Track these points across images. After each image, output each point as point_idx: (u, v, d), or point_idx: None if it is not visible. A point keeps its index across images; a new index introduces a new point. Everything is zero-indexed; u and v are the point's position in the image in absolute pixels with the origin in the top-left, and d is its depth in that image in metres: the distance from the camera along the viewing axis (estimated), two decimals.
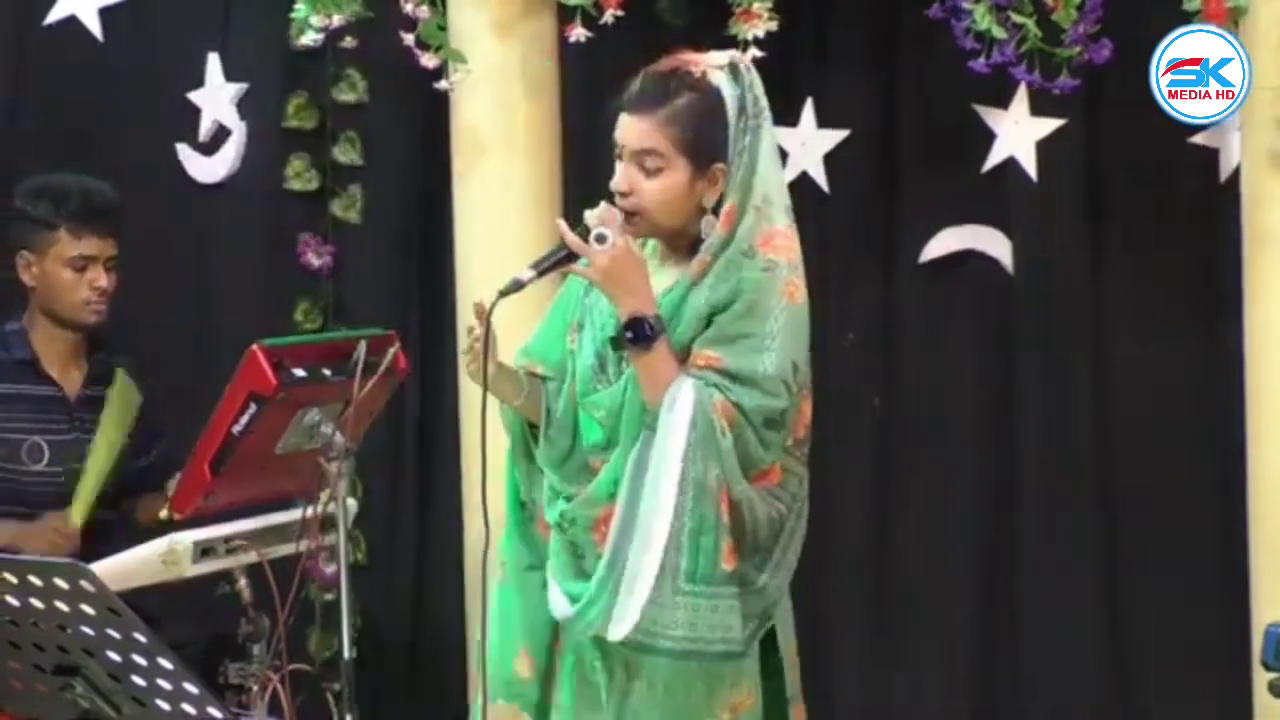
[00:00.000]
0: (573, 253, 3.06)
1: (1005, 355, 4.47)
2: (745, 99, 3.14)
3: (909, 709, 4.53)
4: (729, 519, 3.03)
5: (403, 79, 4.56)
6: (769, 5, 4.04)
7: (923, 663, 4.52)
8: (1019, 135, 4.37)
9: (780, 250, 3.11)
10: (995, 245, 4.47)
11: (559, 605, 3.20)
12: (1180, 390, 4.37)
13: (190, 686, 2.78)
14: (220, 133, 4.88)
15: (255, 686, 3.44)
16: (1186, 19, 3.86)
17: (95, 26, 4.94)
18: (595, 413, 3.15)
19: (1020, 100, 4.35)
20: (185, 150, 4.89)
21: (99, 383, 4.20)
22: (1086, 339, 4.41)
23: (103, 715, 2.86)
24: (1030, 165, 4.37)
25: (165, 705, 2.82)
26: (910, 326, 4.55)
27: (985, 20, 3.94)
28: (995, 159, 4.40)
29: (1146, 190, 4.38)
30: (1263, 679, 3.20)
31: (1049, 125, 4.35)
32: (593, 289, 3.19)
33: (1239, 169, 4.09)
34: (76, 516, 4.07)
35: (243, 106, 4.86)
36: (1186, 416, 4.37)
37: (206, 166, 4.90)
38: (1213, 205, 4.27)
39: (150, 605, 3.11)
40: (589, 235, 3.05)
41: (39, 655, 2.87)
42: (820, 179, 4.52)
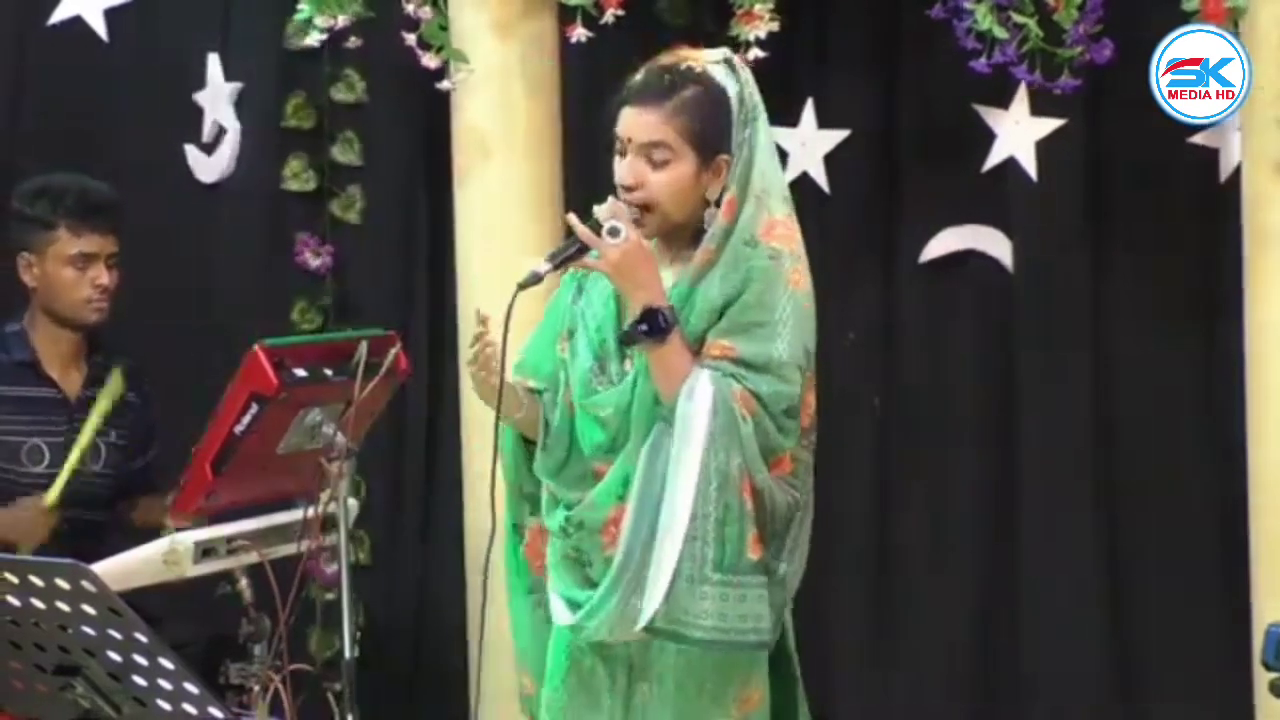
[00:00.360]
0: (585, 246, 3.06)
1: (1005, 355, 4.47)
2: (744, 92, 3.16)
3: (909, 709, 4.53)
4: (753, 507, 3.03)
5: (402, 79, 4.57)
6: (770, 6, 4.04)
7: (923, 663, 4.52)
8: (1019, 135, 4.37)
9: (782, 239, 3.13)
10: (995, 245, 4.47)
11: (560, 613, 3.19)
12: (1180, 390, 4.38)
13: (191, 686, 2.78)
14: (221, 133, 4.89)
15: (256, 687, 3.44)
16: (1187, 19, 3.87)
17: (100, 27, 4.95)
18: (600, 413, 3.14)
19: (1020, 100, 4.35)
20: (192, 151, 4.89)
21: (99, 384, 4.19)
22: (1086, 339, 4.41)
23: (103, 715, 2.86)
24: (1030, 165, 4.37)
25: (166, 705, 2.82)
26: (910, 326, 4.55)
27: (986, 20, 3.94)
28: (995, 159, 4.41)
29: (1147, 190, 4.38)
30: (1263, 679, 3.21)
31: (1049, 125, 4.35)
32: (582, 295, 3.21)
33: (1239, 169, 4.09)
34: (52, 494, 4.02)
35: (240, 107, 4.86)
36: (1186, 416, 4.38)
37: (207, 166, 4.90)
38: (1213, 205, 4.27)
39: (151, 605, 3.11)
40: (600, 229, 3.05)
41: (40, 655, 2.87)
42: (821, 179, 4.52)
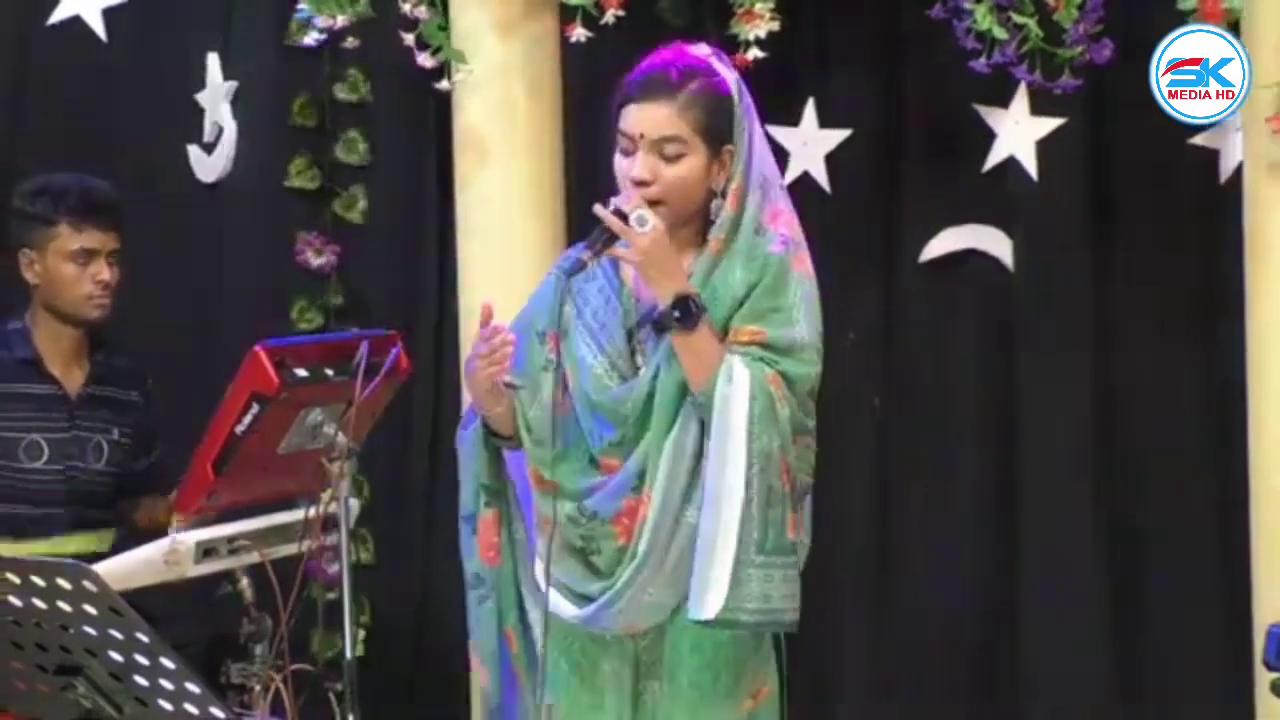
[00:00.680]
0: (614, 235, 3.09)
1: (1005, 355, 4.47)
2: (739, 83, 3.21)
3: (909, 709, 4.53)
4: (789, 488, 3.09)
5: (406, 79, 4.56)
6: (771, 6, 4.04)
7: (922, 663, 4.52)
8: (1019, 135, 4.38)
9: (786, 225, 3.19)
10: (996, 245, 4.47)
11: (564, 607, 3.20)
12: (1180, 390, 4.38)
13: (192, 686, 2.79)
14: (220, 133, 4.89)
15: (257, 686, 3.45)
16: (1185, 19, 3.87)
17: (99, 27, 4.95)
18: (619, 409, 3.15)
19: (1020, 100, 4.35)
20: (195, 151, 4.90)
21: (100, 382, 4.19)
22: (1087, 338, 4.41)
23: (105, 715, 2.86)
24: (1031, 165, 4.37)
25: (167, 705, 2.82)
26: (911, 326, 4.55)
27: (986, 20, 3.94)
28: (996, 159, 4.41)
29: (1147, 190, 4.38)
30: (1264, 679, 3.21)
31: (1049, 125, 4.35)
32: (571, 295, 3.22)
33: (1239, 169, 4.09)
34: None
35: (241, 106, 4.86)
36: (1186, 416, 4.38)
37: (208, 166, 4.90)
38: (1213, 206, 4.27)
39: (153, 605, 3.11)
40: (626, 220, 3.08)
41: (41, 655, 2.87)
42: (821, 179, 4.52)
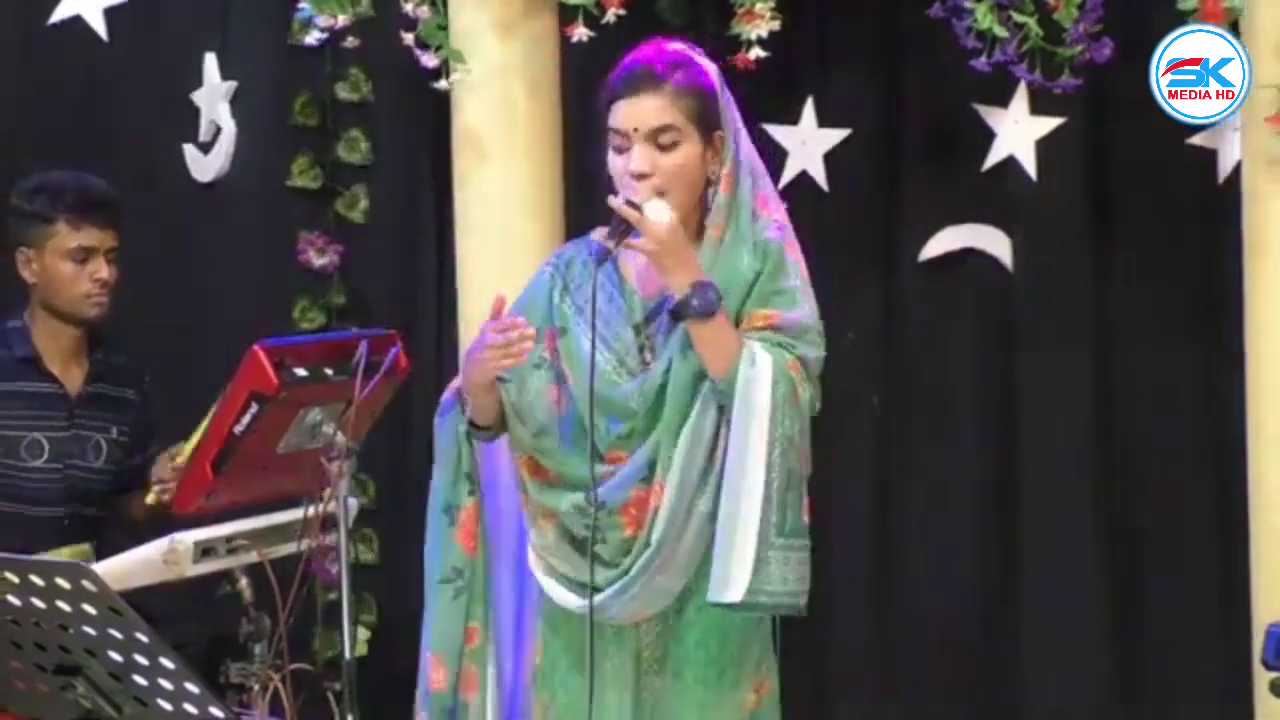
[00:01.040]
0: (629, 226, 3.10)
1: (1005, 354, 4.46)
2: (718, 73, 3.24)
3: (908, 708, 4.53)
4: (804, 472, 3.14)
5: (408, 79, 4.56)
6: (771, 5, 4.04)
7: (922, 662, 4.51)
8: (1019, 134, 4.37)
9: (775, 210, 3.23)
10: (995, 244, 4.47)
11: (565, 598, 3.21)
12: (1180, 390, 4.37)
13: (192, 686, 2.78)
14: (218, 132, 4.89)
15: (256, 686, 3.45)
16: (1186, 19, 3.87)
17: (100, 26, 4.95)
18: (629, 404, 3.17)
19: (1020, 99, 4.35)
20: (191, 150, 4.89)
21: (99, 380, 4.19)
22: (1086, 338, 4.41)
23: (104, 715, 2.86)
24: (1030, 164, 4.37)
25: (167, 705, 2.82)
26: (910, 326, 4.55)
27: (986, 19, 3.94)
28: (995, 158, 4.40)
29: (1146, 190, 4.38)
30: (1263, 679, 3.21)
31: (1049, 124, 4.35)
32: (568, 293, 3.24)
33: (1238, 169, 4.09)
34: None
35: (240, 105, 4.86)
36: (1186, 416, 4.37)
37: (204, 165, 4.90)
38: (1212, 205, 4.27)
39: (151, 605, 3.11)
40: (641, 211, 3.10)
41: (41, 655, 2.87)
42: (820, 178, 4.52)
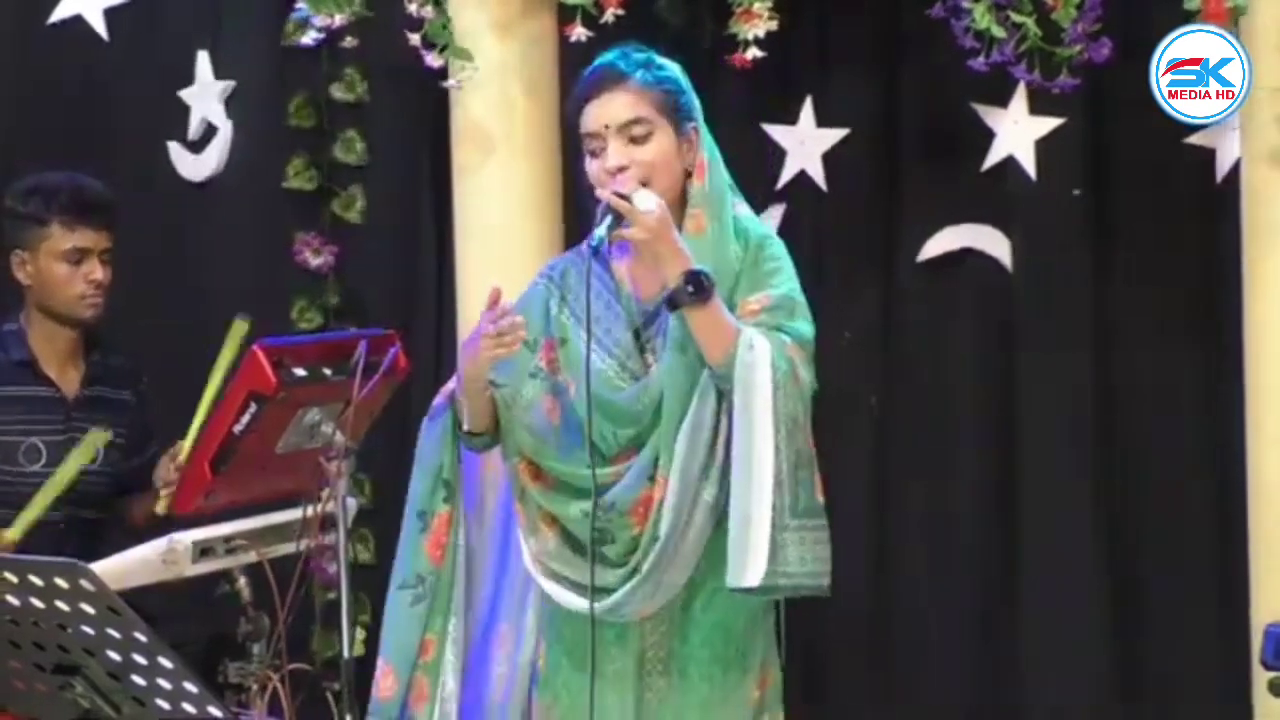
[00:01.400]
0: (619, 217, 3.13)
1: (1004, 354, 4.46)
2: (684, 72, 3.27)
3: (907, 708, 4.53)
4: (813, 451, 3.16)
5: (403, 78, 4.56)
6: (769, 5, 4.04)
7: (921, 662, 4.51)
8: (1018, 134, 4.37)
9: (744, 211, 3.28)
10: (994, 244, 4.47)
11: (570, 600, 3.21)
12: (1180, 389, 4.37)
13: (190, 686, 2.78)
14: (209, 131, 4.88)
15: (255, 686, 3.44)
16: (1187, 18, 3.86)
17: (100, 26, 4.94)
18: (634, 407, 3.18)
19: (1019, 99, 4.35)
20: (176, 149, 4.89)
21: (96, 383, 4.18)
22: (1086, 338, 4.40)
23: (102, 714, 2.86)
24: (1029, 164, 4.37)
25: (165, 704, 2.82)
26: (909, 326, 4.54)
27: (985, 19, 3.94)
28: (994, 158, 4.40)
29: (1145, 189, 4.37)
30: (1262, 679, 3.21)
31: (1048, 124, 4.35)
32: (565, 304, 3.26)
33: (1236, 168, 4.09)
34: (15, 532, 3.87)
35: (236, 105, 4.86)
36: (1186, 416, 4.37)
37: (194, 165, 4.90)
38: (1210, 204, 4.27)
39: (150, 605, 3.11)
40: (631, 201, 3.12)
41: (39, 655, 2.87)
42: (819, 178, 4.52)
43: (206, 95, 4.87)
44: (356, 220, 4.81)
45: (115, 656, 2.80)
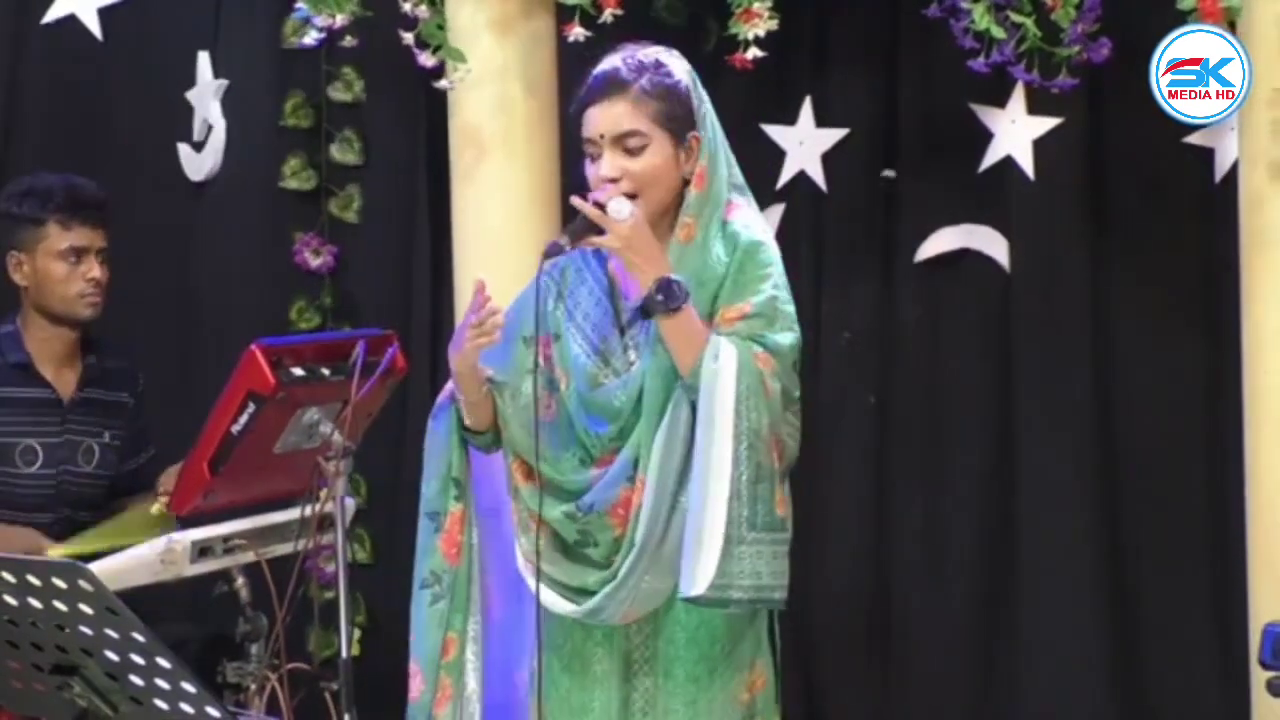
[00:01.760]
0: (593, 225, 3.11)
1: (1003, 354, 4.46)
2: (692, 73, 3.24)
3: (907, 708, 4.53)
4: (779, 464, 3.11)
5: (401, 78, 4.56)
6: (768, 4, 4.03)
7: (920, 662, 4.51)
8: (1016, 134, 4.37)
9: (743, 215, 3.23)
10: (992, 244, 4.47)
11: (557, 603, 3.20)
12: (1178, 389, 4.37)
13: (188, 686, 2.78)
14: (210, 131, 4.88)
15: (253, 685, 3.44)
16: (1183, 18, 3.86)
17: (94, 25, 4.94)
18: (612, 404, 3.17)
19: (1017, 99, 4.35)
20: (184, 150, 4.89)
21: (93, 385, 4.18)
22: (1084, 337, 4.40)
23: (101, 714, 2.85)
24: (1028, 164, 4.37)
25: (163, 704, 2.81)
26: (908, 325, 4.55)
27: (984, 20, 3.94)
28: (993, 158, 4.40)
29: (1144, 189, 4.38)
30: (1261, 678, 3.21)
31: (1046, 124, 4.35)
32: (560, 300, 3.25)
33: (1235, 167, 4.09)
34: (55, 551, 3.88)
35: (234, 105, 4.85)
36: (1185, 415, 4.37)
37: (196, 165, 4.89)
38: (1209, 204, 4.27)
39: (148, 604, 3.10)
40: (604, 209, 3.11)
41: (37, 654, 2.86)
42: (818, 177, 4.52)
43: (205, 95, 4.86)
44: (355, 220, 4.81)
45: (113, 656, 2.79)
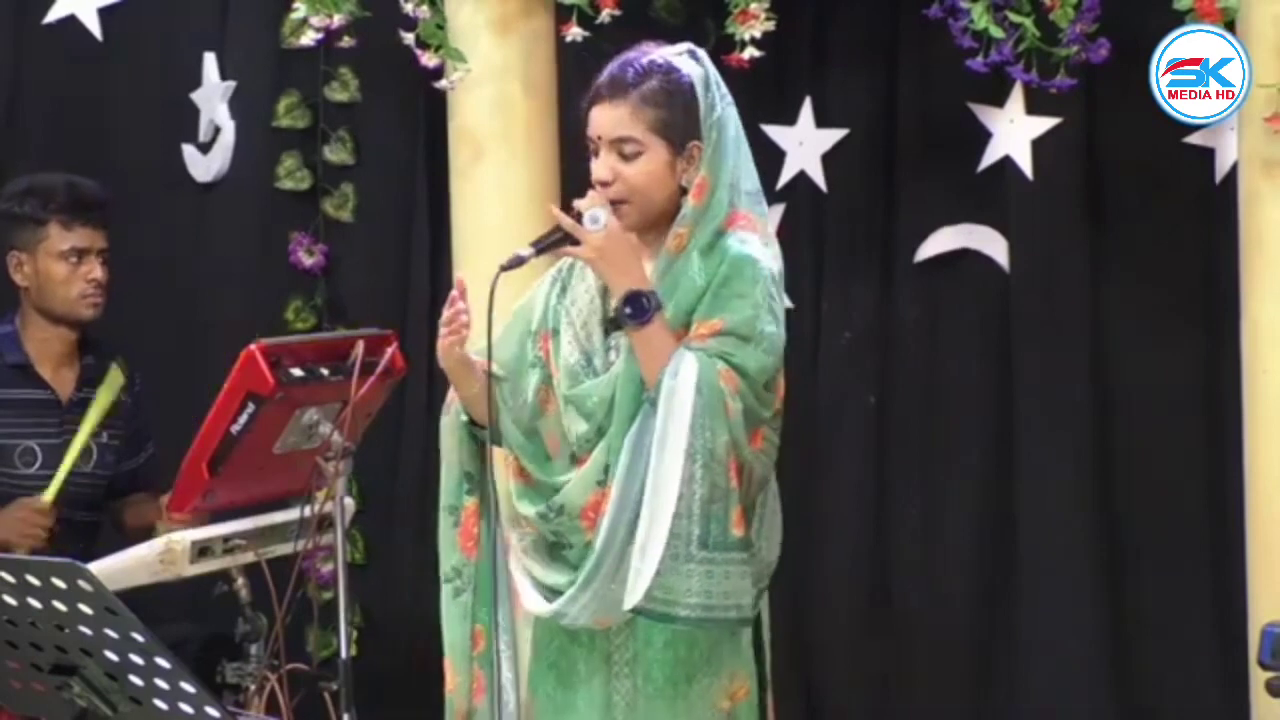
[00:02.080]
0: (568, 235, 3.10)
1: (1002, 354, 4.46)
2: (709, 78, 3.19)
3: (906, 709, 4.53)
4: (737, 485, 3.07)
5: (396, 78, 4.56)
6: (766, 5, 4.04)
7: (920, 662, 4.51)
8: (1015, 134, 4.37)
9: (744, 228, 3.16)
10: (991, 244, 4.47)
11: (534, 601, 3.20)
12: (1177, 388, 4.37)
13: (187, 686, 2.77)
14: (217, 132, 4.88)
15: (252, 686, 3.44)
16: (1182, 18, 3.86)
17: (94, 26, 4.94)
18: (586, 403, 3.16)
19: (1016, 99, 4.35)
20: (190, 151, 4.89)
21: (92, 385, 4.18)
22: (1083, 338, 4.41)
23: (100, 714, 2.85)
24: (1026, 164, 4.37)
25: (163, 705, 2.81)
26: (907, 325, 4.55)
27: (983, 20, 3.94)
28: (991, 158, 4.40)
29: (1143, 189, 4.38)
30: (1260, 678, 3.21)
31: (1045, 124, 4.35)
32: (565, 294, 3.24)
33: (1235, 168, 4.09)
34: (50, 493, 3.96)
35: (235, 106, 4.86)
36: (1184, 415, 4.37)
37: (203, 166, 4.89)
38: (1209, 204, 4.27)
39: (148, 604, 3.10)
40: (581, 219, 3.09)
41: (37, 655, 2.86)
42: (818, 178, 4.52)
43: (212, 96, 4.86)
44: (350, 220, 4.81)
45: (113, 656, 2.79)
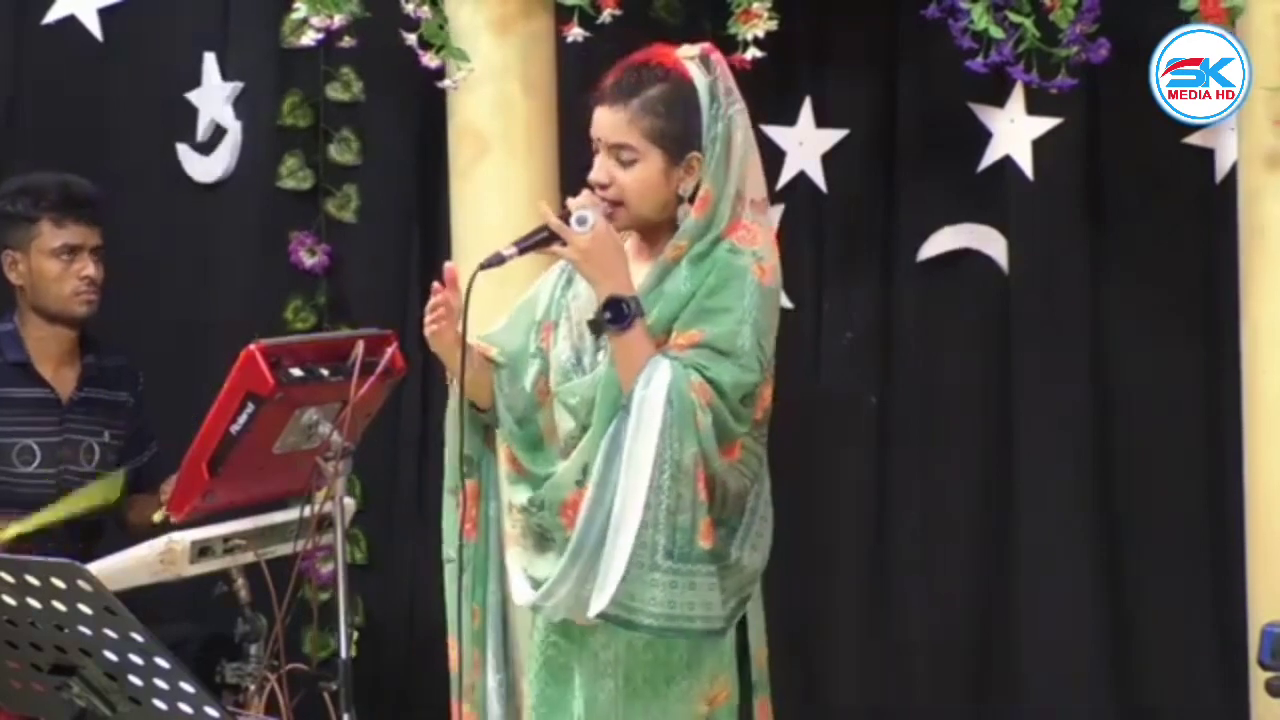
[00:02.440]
0: (554, 234, 3.08)
1: (1002, 354, 4.47)
2: (717, 87, 3.16)
3: (906, 709, 4.53)
4: (705, 497, 3.05)
5: (399, 78, 4.56)
6: (768, 5, 4.04)
7: (920, 663, 4.51)
8: (1015, 134, 4.38)
9: (744, 239, 3.13)
10: (991, 244, 4.47)
11: (521, 592, 3.20)
12: (1177, 388, 4.38)
13: (187, 686, 2.77)
14: (217, 132, 4.88)
15: (252, 686, 3.44)
16: (1184, 18, 3.86)
17: (94, 26, 4.94)
18: (569, 400, 3.16)
19: (1016, 99, 4.36)
20: (185, 150, 4.89)
21: (91, 384, 4.18)
22: (1083, 337, 4.41)
23: (99, 714, 2.85)
24: (1026, 164, 4.37)
25: (162, 705, 2.81)
26: (908, 326, 4.55)
27: (983, 20, 3.94)
28: (992, 158, 4.41)
29: (1143, 189, 4.38)
30: (1260, 679, 3.21)
31: (1045, 124, 4.35)
32: (570, 287, 3.23)
33: (1234, 168, 4.09)
34: (10, 532, 3.93)
35: (238, 106, 4.85)
36: (1184, 415, 4.38)
37: (203, 166, 4.89)
38: (1209, 204, 4.28)
39: (147, 605, 3.10)
40: (569, 218, 3.08)
41: (36, 655, 2.86)
42: (818, 178, 4.53)
43: (214, 97, 4.86)
44: (352, 220, 4.81)
45: (112, 656, 2.79)
